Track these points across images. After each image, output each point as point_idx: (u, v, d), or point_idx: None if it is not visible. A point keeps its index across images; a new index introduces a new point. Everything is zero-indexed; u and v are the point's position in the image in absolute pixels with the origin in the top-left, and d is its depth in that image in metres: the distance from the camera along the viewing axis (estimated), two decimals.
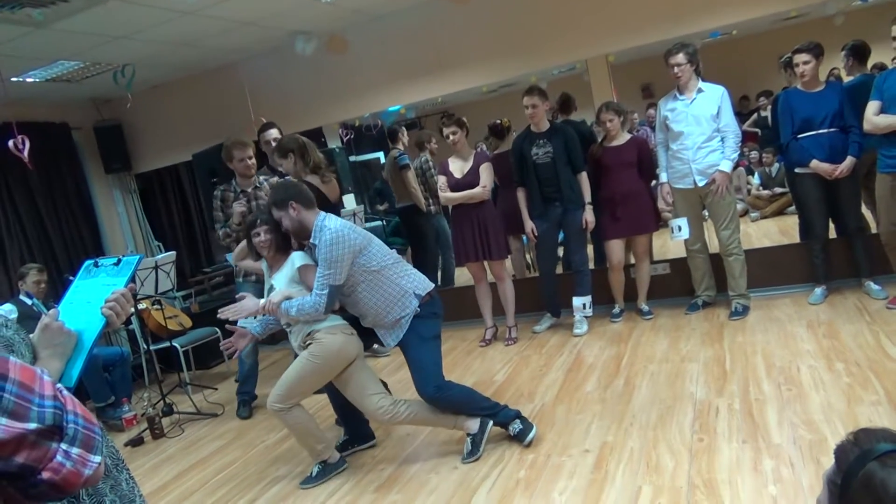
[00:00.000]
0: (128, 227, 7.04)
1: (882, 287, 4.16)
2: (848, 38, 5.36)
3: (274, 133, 4.60)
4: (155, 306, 5.29)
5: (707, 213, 4.58)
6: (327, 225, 2.97)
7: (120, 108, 6.63)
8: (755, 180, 7.22)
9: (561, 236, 4.87)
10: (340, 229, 2.95)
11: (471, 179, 4.63)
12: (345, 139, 6.62)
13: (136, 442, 4.31)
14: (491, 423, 3.14)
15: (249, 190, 4.33)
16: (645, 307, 4.78)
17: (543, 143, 4.59)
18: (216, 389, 5.24)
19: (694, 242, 4.55)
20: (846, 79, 4.79)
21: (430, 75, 6.12)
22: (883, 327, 3.65)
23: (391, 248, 3.19)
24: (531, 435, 3.10)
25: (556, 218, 4.64)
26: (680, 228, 4.49)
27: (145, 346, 5.30)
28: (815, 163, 4.13)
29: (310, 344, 3.03)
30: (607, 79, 5.77)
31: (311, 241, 3.01)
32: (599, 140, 4.84)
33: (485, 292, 4.93)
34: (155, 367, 5.15)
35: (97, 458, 1.04)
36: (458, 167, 4.72)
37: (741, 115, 9.39)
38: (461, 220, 4.73)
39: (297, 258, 3.11)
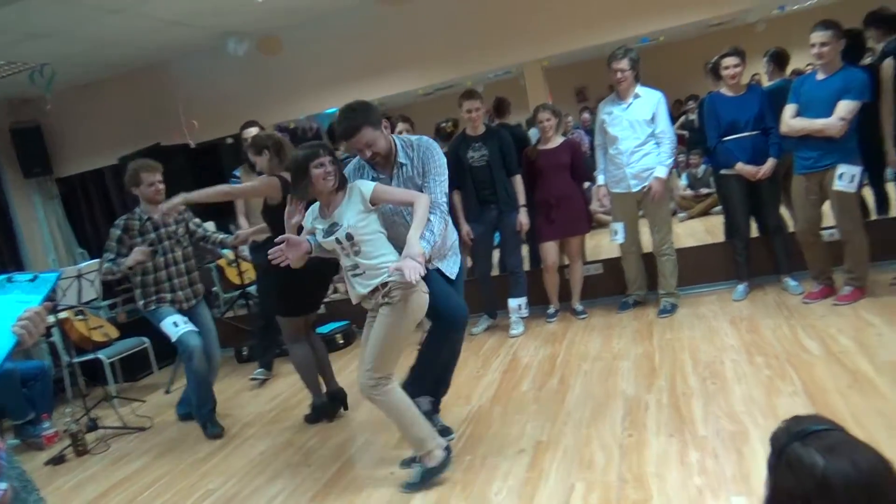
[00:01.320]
0: (48, 235, 6.71)
1: (799, 283, 4.36)
2: (769, 44, 5.61)
3: (253, 131, 4.61)
4: (78, 317, 5.07)
5: (642, 214, 4.69)
6: (417, 136, 2.98)
7: (40, 108, 6.32)
8: (682, 181, 7.48)
9: (497, 239, 4.92)
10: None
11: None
12: None
13: (58, 460, 4.10)
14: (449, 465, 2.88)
15: (157, 217, 4.00)
16: (579, 307, 4.88)
17: (479, 147, 4.62)
18: (144, 402, 5.05)
19: (630, 244, 4.66)
20: (766, 83, 5.01)
21: (368, 77, 6.08)
22: (800, 321, 3.83)
23: None
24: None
25: (491, 221, 4.68)
26: (616, 232, 4.60)
27: (68, 359, 5.07)
28: (739, 165, 4.30)
29: (387, 302, 2.71)
30: (542, 82, 5.86)
31: (399, 159, 2.90)
32: (534, 143, 4.91)
33: None
34: (78, 380, 4.92)
35: (2, 485, 0.97)
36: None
37: (670, 119, 9.70)
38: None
39: (363, 186, 2.77)
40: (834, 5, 7.99)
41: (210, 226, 4.56)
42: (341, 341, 5.38)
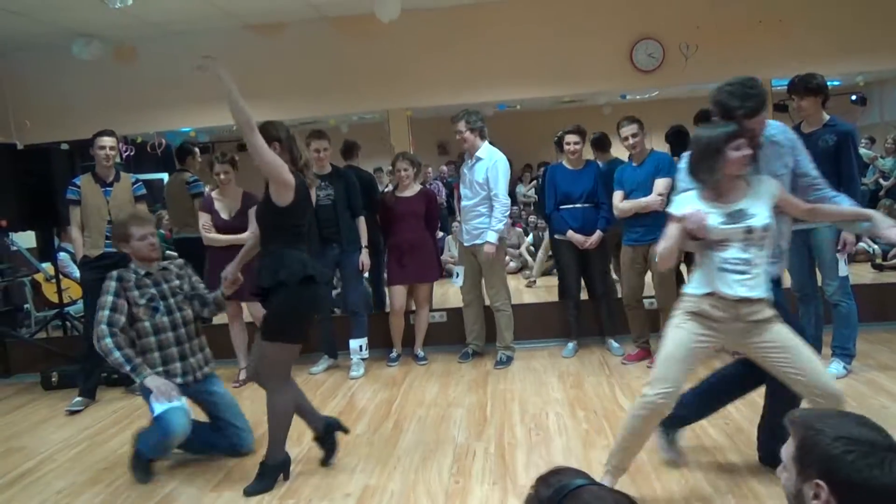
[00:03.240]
0: None
1: (620, 345, 4.75)
2: (614, 126, 6.19)
3: (110, 140, 4.37)
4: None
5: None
6: None
7: None
8: (529, 240, 7.94)
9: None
10: None
11: (239, 223, 4.53)
12: (124, 155, 6.11)
13: None
14: None
15: (154, 273, 3.37)
16: (420, 353, 4.95)
17: (325, 186, 4.65)
18: None
19: (468, 293, 4.85)
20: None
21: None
22: (618, 380, 4.17)
23: None
24: None
25: (332, 259, 4.68)
26: (458, 275, 4.80)
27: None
28: (570, 233, 4.67)
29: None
30: (406, 131, 6.04)
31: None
32: (392, 188, 5.02)
33: (239, 330, 4.74)
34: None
35: None
36: (224, 207, 4.59)
37: (522, 183, 10.35)
38: (219, 259, 4.32)
39: (769, 183, 2.50)
40: (665, 100, 9.04)
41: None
42: None
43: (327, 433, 3.23)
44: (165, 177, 6.57)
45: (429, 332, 5.04)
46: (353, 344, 4.72)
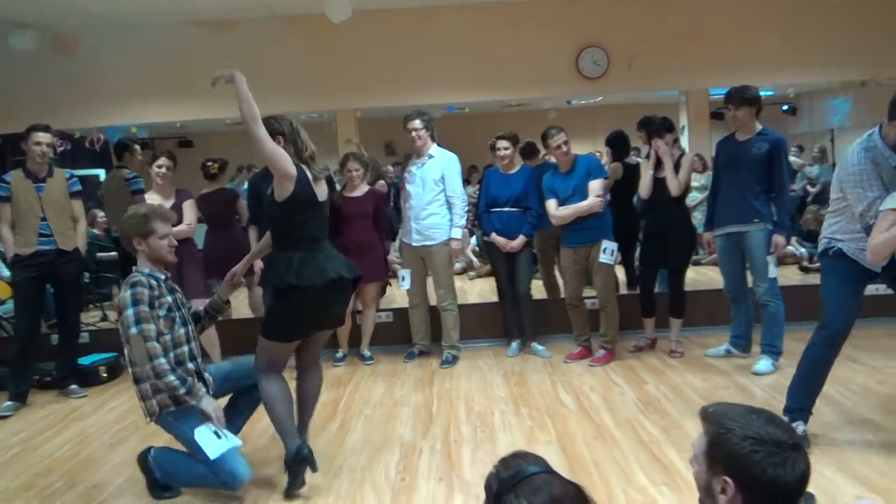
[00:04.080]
0: None
1: (546, 347, 4.82)
2: None
3: (46, 136, 4.26)
4: None
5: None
6: None
7: None
8: (473, 241, 8.03)
9: None
10: None
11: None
12: (59, 149, 5.88)
13: None
14: None
15: (168, 279, 3.04)
16: (367, 353, 4.96)
17: None
18: None
19: (415, 295, 4.88)
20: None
21: (174, 97, 5.80)
22: (561, 378, 4.28)
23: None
24: None
25: None
26: (404, 278, 4.82)
27: None
28: (493, 235, 4.78)
29: None
30: (354, 131, 6.04)
31: None
32: (340, 189, 5.00)
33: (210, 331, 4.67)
34: None
35: None
36: (157, 203, 4.53)
37: (470, 184, 10.44)
38: None
39: None
40: (610, 106, 9.28)
41: None
42: (105, 374, 4.88)
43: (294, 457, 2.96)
44: (102, 173, 6.36)
45: (375, 332, 5.05)
46: None
